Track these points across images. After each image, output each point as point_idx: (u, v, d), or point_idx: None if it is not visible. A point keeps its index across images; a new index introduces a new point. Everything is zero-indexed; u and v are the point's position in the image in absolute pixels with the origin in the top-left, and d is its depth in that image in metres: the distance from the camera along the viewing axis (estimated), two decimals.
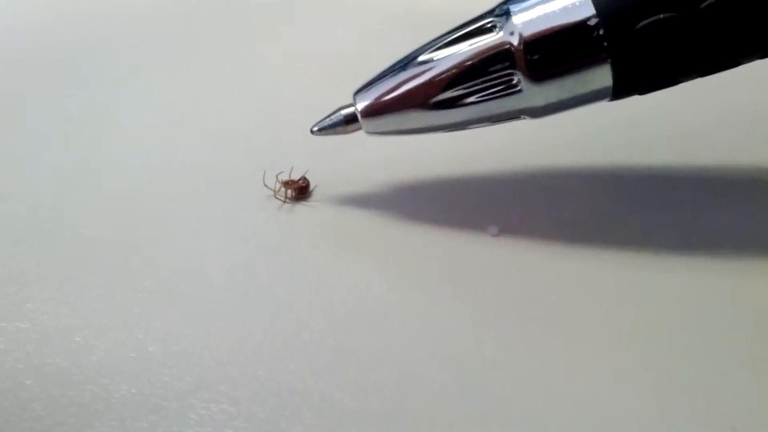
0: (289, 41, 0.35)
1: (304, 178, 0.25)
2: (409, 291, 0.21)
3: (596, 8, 0.19)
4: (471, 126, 0.22)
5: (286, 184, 0.24)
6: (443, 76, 0.21)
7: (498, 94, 0.21)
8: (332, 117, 0.23)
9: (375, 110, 0.22)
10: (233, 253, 0.22)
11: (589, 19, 0.19)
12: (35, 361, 0.19)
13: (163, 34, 0.37)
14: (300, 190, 0.25)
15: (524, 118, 0.21)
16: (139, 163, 0.27)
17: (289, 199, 0.24)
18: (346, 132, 0.23)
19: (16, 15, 0.40)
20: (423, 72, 0.21)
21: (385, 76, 0.22)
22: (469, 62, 0.20)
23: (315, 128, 0.23)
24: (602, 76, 0.20)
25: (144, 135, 0.28)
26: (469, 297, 0.21)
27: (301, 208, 0.24)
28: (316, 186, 0.25)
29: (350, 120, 0.23)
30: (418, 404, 0.18)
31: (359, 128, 0.23)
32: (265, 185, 0.25)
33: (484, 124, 0.22)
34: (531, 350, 0.19)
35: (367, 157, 0.26)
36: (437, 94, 0.21)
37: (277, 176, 0.25)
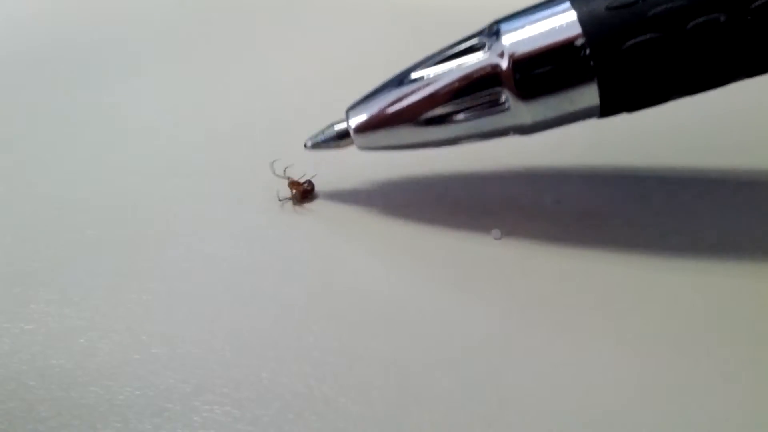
0: (293, 42, 0.35)
1: (309, 182, 0.25)
2: (413, 295, 0.21)
3: (583, 29, 0.20)
4: (461, 142, 0.22)
5: (292, 184, 0.24)
6: (433, 93, 0.21)
7: (486, 112, 0.21)
8: (325, 133, 0.24)
9: (367, 126, 0.22)
10: (237, 255, 0.22)
11: (576, 39, 0.20)
12: (40, 363, 0.19)
13: (164, 34, 0.37)
14: (304, 194, 0.25)
15: (513, 135, 0.22)
16: (143, 164, 0.27)
17: (292, 199, 0.24)
18: (339, 147, 0.24)
19: (17, 16, 0.40)
20: (414, 90, 0.22)
21: (377, 93, 0.22)
22: (459, 81, 0.21)
23: (308, 143, 0.24)
24: (589, 95, 0.20)
25: (148, 136, 0.29)
26: (473, 301, 0.21)
27: (305, 210, 0.24)
28: (317, 196, 0.25)
29: (342, 136, 0.23)
30: (422, 408, 0.18)
31: (351, 144, 0.23)
32: (275, 173, 0.25)
33: (473, 140, 0.22)
34: (535, 354, 0.19)
35: (371, 160, 0.26)
36: (427, 111, 0.21)
37: (285, 169, 0.25)
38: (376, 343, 0.20)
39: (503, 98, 0.21)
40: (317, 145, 0.24)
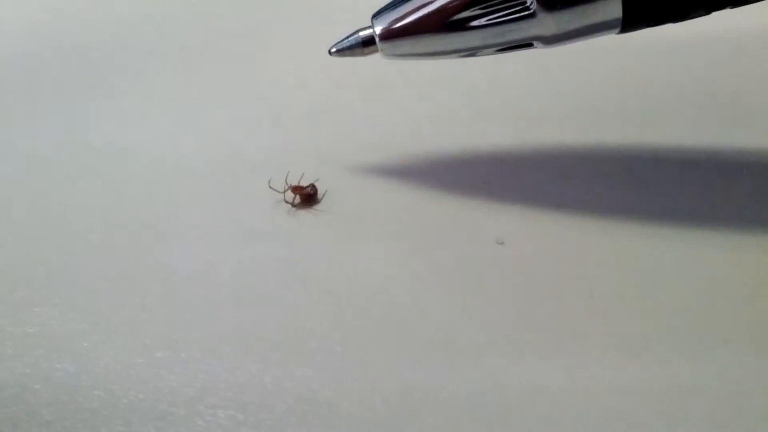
0: (296, 43, 0.35)
1: (312, 186, 0.25)
2: (416, 299, 0.21)
3: None
4: (484, 51, 0.22)
5: (295, 189, 0.25)
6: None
7: (512, 18, 0.21)
8: (350, 39, 0.23)
9: (392, 33, 0.22)
10: (241, 259, 0.23)
11: None
12: (43, 366, 0.19)
13: (167, 36, 0.37)
14: (307, 197, 0.25)
15: (537, 46, 0.22)
16: (148, 167, 0.27)
17: (296, 204, 0.25)
18: (363, 54, 0.23)
19: (23, 17, 0.40)
20: None
21: None
22: None
23: (333, 49, 0.23)
24: (613, 7, 0.20)
25: (152, 139, 0.29)
26: (476, 305, 0.21)
27: (309, 214, 0.24)
28: (325, 192, 0.25)
29: (367, 42, 0.23)
30: (425, 412, 0.18)
31: (376, 51, 0.23)
32: (270, 186, 0.25)
33: (496, 49, 0.22)
34: (539, 357, 0.19)
35: (374, 164, 0.26)
36: (453, 15, 0.21)
37: (287, 175, 0.25)
38: (380, 346, 0.20)
39: (529, 2, 0.20)
40: (341, 52, 0.23)
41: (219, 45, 0.36)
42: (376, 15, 0.23)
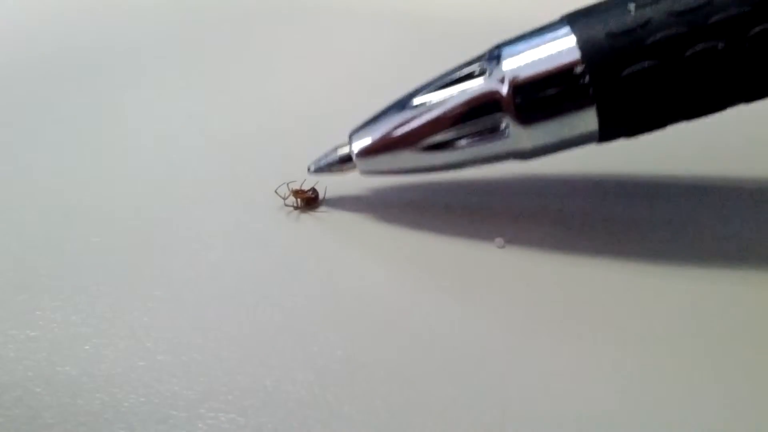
0: (296, 48, 0.35)
1: (313, 190, 0.25)
2: (417, 302, 0.21)
3: (582, 56, 0.20)
4: (462, 167, 0.23)
5: (296, 193, 0.25)
6: (435, 119, 0.21)
7: (487, 138, 0.21)
8: (328, 157, 0.24)
9: (370, 151, 0.23)
10: (242, 263, 0.23)
11: (575, 66, 0.20)
12: (45, 369, 0.19)
13: (168, 41, 0.37)
14: (308, 201, 0.25)
15: (513, 160, 0.22)
16: (150, 171, 0.27)
17: (298, 208, 0.25)
18: (342, 171, 0.24)
19: (22, 21, 0.40)
20: (416, 115, 0.22)
21: (380, 117, 0.23)
22: (460, 107, 0.21)
23: (311, 167, 0.24)
24: (588, 121, 0.20)
25: (154, 143, 0.29)
26: (477, 308, 0.21)
27: (311, 218, 0.24)
28: (323, 198, 0.25)
29: (345, 160, 0.24)
30: (426, 415, 0.18)
31: (354, 168, 0.24)
32: (276, 192, 0.25)
33: (474, 165, 0.22)
34: (539, 361, 0.19)
35: None
36: (428, 137, 0.22)
37: (288, 184, 0.25)
38: (380, 350, 0.20)
39: (503, 124, 0.21)
40: (320, 170, 0.24)
41: (220, 48, 0.36)
42: (354, 133, 0.23)
